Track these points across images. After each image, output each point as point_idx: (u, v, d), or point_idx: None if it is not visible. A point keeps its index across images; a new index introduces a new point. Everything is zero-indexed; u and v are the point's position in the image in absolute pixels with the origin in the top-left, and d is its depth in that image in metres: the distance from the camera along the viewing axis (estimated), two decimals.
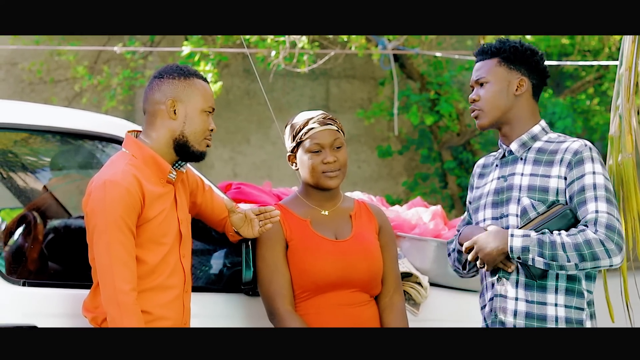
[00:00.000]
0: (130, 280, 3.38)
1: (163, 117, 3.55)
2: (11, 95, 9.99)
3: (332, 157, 3.86)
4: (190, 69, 3.63)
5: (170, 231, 3.55)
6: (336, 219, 3.94)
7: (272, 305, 3.80)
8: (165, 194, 3.55)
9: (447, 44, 10.56)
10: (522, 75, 3.76)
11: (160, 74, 3.60)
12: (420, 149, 10.79)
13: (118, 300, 3.34)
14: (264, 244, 3.86)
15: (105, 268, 3.37)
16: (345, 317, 3.81)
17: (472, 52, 3.88)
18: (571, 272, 3.58)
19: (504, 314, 3.69)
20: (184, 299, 3.59)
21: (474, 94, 3.79)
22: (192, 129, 3.56)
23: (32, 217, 4.81)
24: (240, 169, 10.79)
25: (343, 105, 11.11)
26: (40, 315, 3.61)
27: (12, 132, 3.96)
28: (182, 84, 3.56)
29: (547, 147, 3.73)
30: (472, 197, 3.94)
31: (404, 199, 10.35)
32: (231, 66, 10.51)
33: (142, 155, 3.53)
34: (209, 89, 3.64)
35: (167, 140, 3.56)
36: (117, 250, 3.37)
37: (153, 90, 3.58)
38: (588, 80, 10.40)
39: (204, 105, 3.59)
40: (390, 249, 4.00)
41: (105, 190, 3.40)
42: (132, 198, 3.41)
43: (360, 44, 9.12)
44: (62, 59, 9.95)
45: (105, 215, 3.39)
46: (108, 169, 3.50)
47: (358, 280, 3.85)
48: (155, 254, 3.50)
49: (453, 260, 3.93)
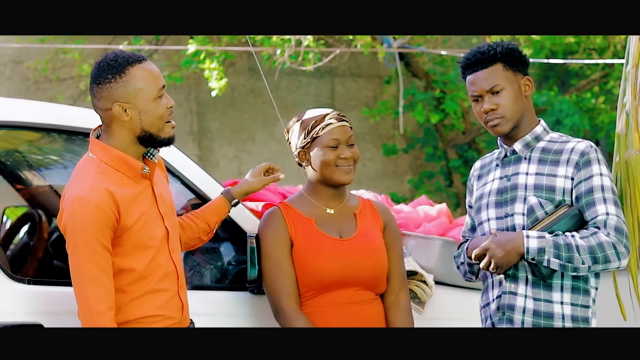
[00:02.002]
0: (106, 300, 3.27)
1: (117, 121, 3.38)
2: (17, 93, 10.00)
3: (349, 152, 3.88)
4: (121, 60, 3.39)
5: (156, 231, 3.44)
6: (341, 218, 3.94)
7: (277, 303, 3.80)
8: (142, 192, 3.43)
9: (452, 42, 10.57)
10: (524, 75, 3.77)
11: (96, 79, 3.41)
12: (425, 147, 10.80)
13: (94, 322, 3.25)
14: (269, 242, 3.86)
15: (80, 288, 3.27)
16: (350, 316, 3.80)
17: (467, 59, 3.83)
18: (582, 273, 3.59)
19: (512, 310, 3.69)
20: (181, 295, 3.50)
21: (489, 103, 3.72)
22: (149, 120, 3.38)
23: (37, 216, 4.82)
24: (245, 167, 10.79)
25: (348, 104, 11.11)
26: (45, 313, 3.61)
27: (18, 131, 3.96)
28: (120, 84, 3.36)
29: (551, 147, 3.74)
30: (472, 200, 3.94)
31: (409, 197, 10.35)
32: (236, 64, 10.51)
33: (110, 158, 3.38)
34: (151, 70, 3.41)
35: (130, 138, 3.40)
36: (89, 270, 3.26)
37: (96, 98, 3.41)
38: (593, 79, 10.40)
39: (152, 92, 3.38)
40: (395, 246, 3.99)
41: (74, 209, 3.27)
42: (103, 214, 3.27)
43: (365, 42, 9.12)
44: (67, 57, 9.96)
45: (76, 234, 3.26)
46: (76, 181, 3.35)
47: (362, 279, 3.85)
48: (143, 258, 3.39)
49: (464, 273, 3.92)
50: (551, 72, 11.23)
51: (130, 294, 3.37)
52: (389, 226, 4.02)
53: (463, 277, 3.95)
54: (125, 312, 3.37)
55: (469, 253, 3.77)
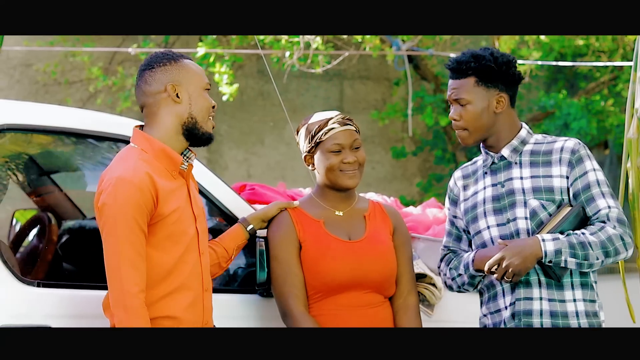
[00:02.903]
0: (139, 282, 3.31)
1: (167, 105, 3.49)
2: (26, 96, 10.02)
3: (353, 157, 3.87)
4: (176, 52, 3.60)
5: (188, 229, 3.49)
6: (350, 220, 3.94)
7: (285, 306, 3.80)
8: (178, 188, 3.50)
9: (461, 45, 10.55)
10: (500, 92, 3.78)
11: (149, 64, 3.54)
12: (434, 150, 10.79)
13: (125, 303, 3.28)
14: (277, 245, 3.86)
15: (114, 269, 3.31)
16: (358, 318, 3.80)
17: (448, 64, 3.85)
18: (596, 268, 3.67)
19: (530, 315, 3.70)
20: (204, 299, 3.54)
21: (454, 113, 3.79)
22: (198, 108, 3.51)
23: (46, 218, 4.82)
24: (254, 170, 10.80)
25: (357, 106, 11.11)
26: (54, 316, 3.62)
27: (27, 134, 3.96)
28: (175, 67, 3.52)
29: (539, 149, 3.79)
30: (459, 211, 3.95)
31: (418, 200, 10.35)
32: (245, 67, 10.52)
33: (152, 148, 3.47)
34: (200, 67, 3.61)
35: (175, 127, 3.50)
36: (126, 251, 3.31)
37: (148, 82, 3.52)
38: (602, 81, 10.37)
39: (202, 83, 3.55)
40: (404, 250, 3.99)
41: (116, 188, 3.33)
42: (144, 196, 3.34)
43: (374, 44, 9.12)
44: (76, 60, 9.97)
45: (115, 214, 3.32)
46: (119, 165, 3.42)
47: (371, 282, 3.84)
48: (172, 253, 3.43)
49: (461, 284, 3.89)
50: (560, 75, 11.22)
51: (155, 290, 3.40)
52: (398, 230, 4.02)
53: (457, 289, 3.93)
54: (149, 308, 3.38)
55: (477, 266, 3.76)
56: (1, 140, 3.91)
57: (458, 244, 3.98)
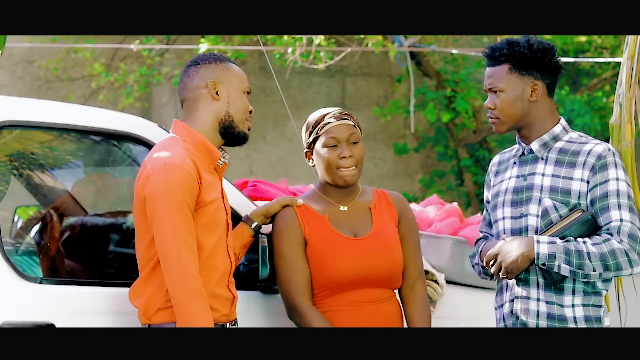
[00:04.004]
0: (196, 264, 3.37)
1: (206, 101, 3.58)
2: (28, 93, 10.03)
3: (349, 151, 3.84)
4: (223, 55, 3.69)
5: (222, 220, 3.56)
6: (355, 215, 3.92)
7: (292, 301, 3.79)
8: (215, 182, 3.57)
9: (463, 41, 10.55)
10: (535, 80, 3.72)
11: (196, 61, 3.65)
12: (436, 147, 10.79)
13: (187, 285, 3.32)
14: (282, 241, 3.85)
15: (173, 252, 3.34)
16: (364, 315, 3.79)
17: (484, 52, 3.84)
18: (593, 280, 3.58)
19: (526, 315, 3.68)
20: (231, 289, 3.59)
21: (489, 101, 3.76)
22: (235, 108, 3.60)
23: (49, 215, 4.82)
24: (256, 167, 10.80)
25: (359, 103, 11.11)
26: (57, 313, 3.61)
27: (29, 130, 3.96)
28: (219, 67, 3.61)
29: (568, 148, 3.70)
30: (489, 195, 3.92)
31: (420, 196, 10.35)
32: (247, 63, 10.52)
33: (192, 140, 3.54)
34: (243, 72, 3.69)
35: (212, 123, 3.58)
36: (183, 234, 3.35)
37: (191, 77, 3.61)
38: (604, 78, 10.37)
39: (242, 85, 3.64)
40: (411, 238, 3.96)
41: (167, 173, 3.37)
42: (193, 180, 3.40)
43: (376, 41, 9.12)
44: (78, 57, 9.98)
45: (169, 198, 3.35)
46: (165, 151, 3.47)
47: (378, 278, 3.83)
48: (208, 242, 3.48)
49: (479, 273, 3.91)
50: (562, 71, 11.21)
51: None
52: (403, 217, 3.98)
53: (478, 275, 3.93)
54: None
55: (481, 257, 3.77)
56: (2, 136, 3.91)
57: (489, 229, 3.93)
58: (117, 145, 4.06)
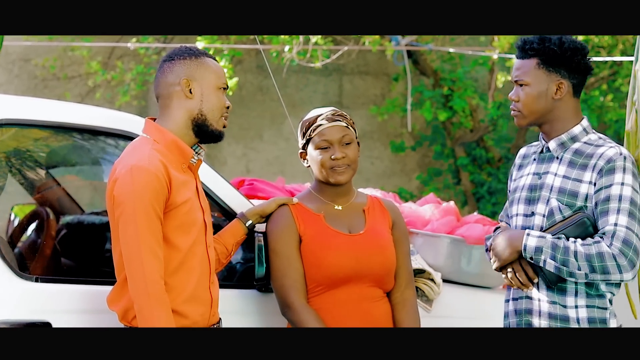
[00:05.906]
0: (159, 269, 3.31)
1: (179, 98, 3.51)
2: (24, 91, 10.02)
3: (341, 153, 3.85)
4: (200, 49, 3.61)
5: (197, 220, 3.50)
6: (350, 214, 3.94)
7: (286, 298, 3.80)
8: (188, 181, 3.51)
9: (460, 40, 10.55)
10: (562, 78, 3.70)
11: (170, 56, 3.56)
12: (433, 145, 10.78)
13: (148, 291, 3.28)
14: (277, 239, 3.86)
15: (135, 257, 3.30)
16: (358, 313, 3.80)
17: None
18: (581, 280, 3.56)
19: (531, 315, 3.69)
20: (212, 290, 3.56)
21: (513, 93, 3.75)
22: (209, 106, 3.53)
23: (44, 213, 4.82)
24: (253, 165, 10.79)
25: (356, 102, 11.10)
26: (53, 311, 3.61)
27: (25, 129, 3.96)
28: (193, 63, 3.53)
29: (584, 150, 3.68)
30: (511, 188, 3.93)
31: (417, 195, 10.35)
32: (244, 62, 10.51)
33: (164, 140, 3.48)
34: (220, 67, 3.61)
35: (185, 121, 3.52)
36: (147, 240, 3.30)
37: (165, 74, 3.54)
38: (602, 77, 10.37)
39: (217, 82, 3.56)
40: (403, 244, 3.99)
41: (133, 176, 3.32)
42: (160, 184, 3.34)
43: (373, 40, 9.12)
44: (75, 55, 9.97)
45: (133, 202, 3.31)
46: (132, 153, 3.43)
47: (372, 274, 3.85)
48: (183, 244, 3.43)
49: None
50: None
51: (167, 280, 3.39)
52: (397, 224, 4.02)
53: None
54: None
55: (487, 249, 3.82)
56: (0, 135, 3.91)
57: (509, 220, 3.92)
58: (114, 144, 4.05)
